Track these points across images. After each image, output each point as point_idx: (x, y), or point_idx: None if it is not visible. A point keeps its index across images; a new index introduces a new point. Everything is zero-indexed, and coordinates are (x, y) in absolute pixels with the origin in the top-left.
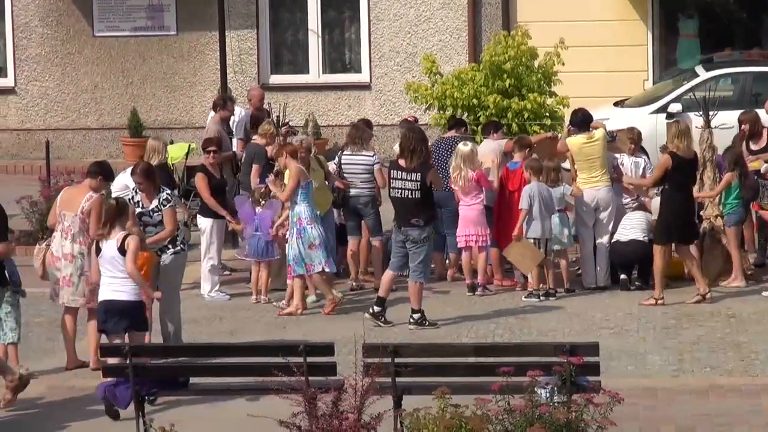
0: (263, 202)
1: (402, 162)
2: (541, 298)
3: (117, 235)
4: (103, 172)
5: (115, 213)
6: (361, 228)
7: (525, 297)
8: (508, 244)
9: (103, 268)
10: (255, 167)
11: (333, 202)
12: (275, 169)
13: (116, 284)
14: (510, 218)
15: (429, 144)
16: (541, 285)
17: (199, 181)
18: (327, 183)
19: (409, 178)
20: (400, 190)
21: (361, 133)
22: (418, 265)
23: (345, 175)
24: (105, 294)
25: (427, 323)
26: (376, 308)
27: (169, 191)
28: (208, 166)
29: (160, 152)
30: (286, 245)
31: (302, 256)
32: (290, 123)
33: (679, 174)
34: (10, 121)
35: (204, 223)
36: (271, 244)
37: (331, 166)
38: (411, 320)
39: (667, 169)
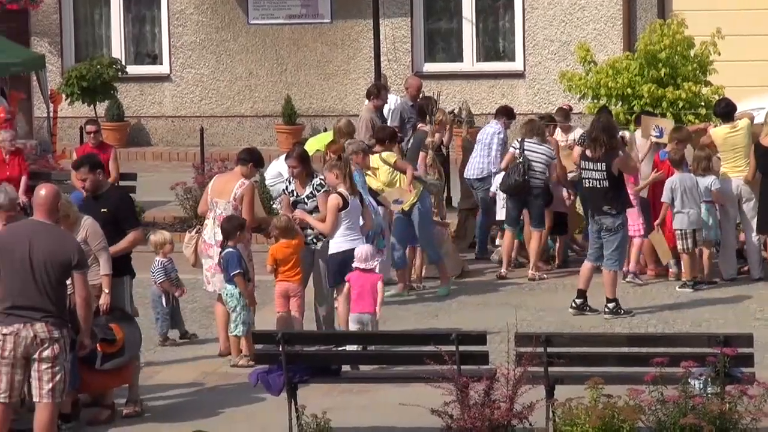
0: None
1: (588, 152)
2: (695, 288)
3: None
4: (254, 159)
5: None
6: (521, 218)
7: (679, 287)
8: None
9: (345, 220)
10: (422, 154)
11: (516, 187)
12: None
13: (353, 235)
14: (659, 208)
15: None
16: (694, 275)
17: None
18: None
19: (595, 168)
20: (589, 180)
21: (540, 126)
22: (612, 253)
23: (532, 165)
24: (341, 245)
25: (623, 312)
26: (578, 300)
27: (322, 177)
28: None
29: (351, 134)
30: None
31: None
32: (454, 111)
33: (762, 162)
34: (165, 108)
35: None
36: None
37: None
38: (606, 309)
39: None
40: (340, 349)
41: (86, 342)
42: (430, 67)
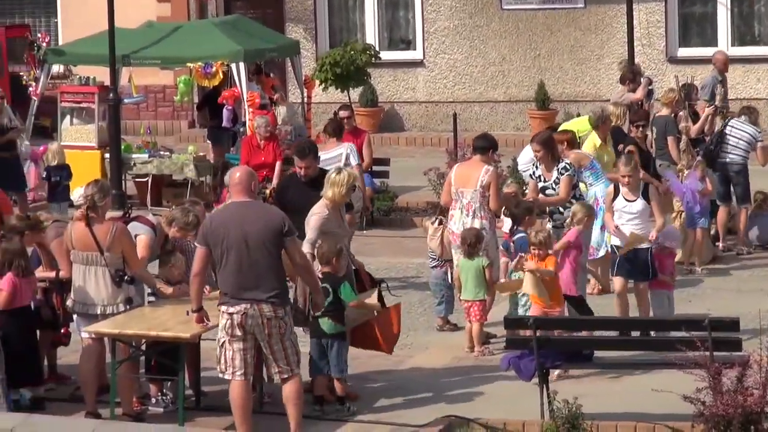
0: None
1: None
2: None
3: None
4: (492, 146)
5: None
6: (730, 195)
7: None
8: None
9: (625, 218)
10: (670, 138)
11: (706, 157)
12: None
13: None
14: None
15: None
16: None
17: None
18: None
19: None
20: None
21: (753, 110)
22: None
23: (727, 139)
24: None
25: None
26: None
27: (568, 161)
28: (637, 140)
29: (620, 118)
30: None
31: (599, 237)
32: (716, 104)
33: None
34: (419, 94)
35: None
36: (702, 214)
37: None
38: None
39: None
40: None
41: (320, 302)
42: (683, 52)
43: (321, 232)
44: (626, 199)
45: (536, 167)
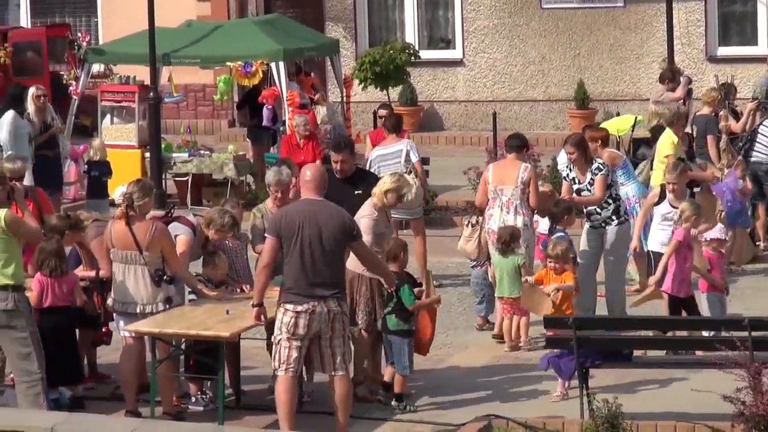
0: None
1: None
2: None
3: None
4: (525, 144)
5: None
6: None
7: None
8: None
9: (667, 224)
10: (710, 137)
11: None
12: None
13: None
14: None
15: None
16: None
17: None
18: None
19: None
20: None
21: None
22: None
23: (759, 139)
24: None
25: None
26: None
27: (601, 161)
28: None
29: (661, 115)
30: None
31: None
32: (760, 100)
33: None
34: (458, 93)
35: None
36: (743, 213)
37: None
38: None
39: None
40: (631, 334)
41: (392, 286)
42: (723, 51)
43: (375, 234)
44: (671, 206)
45: (570, 169)
